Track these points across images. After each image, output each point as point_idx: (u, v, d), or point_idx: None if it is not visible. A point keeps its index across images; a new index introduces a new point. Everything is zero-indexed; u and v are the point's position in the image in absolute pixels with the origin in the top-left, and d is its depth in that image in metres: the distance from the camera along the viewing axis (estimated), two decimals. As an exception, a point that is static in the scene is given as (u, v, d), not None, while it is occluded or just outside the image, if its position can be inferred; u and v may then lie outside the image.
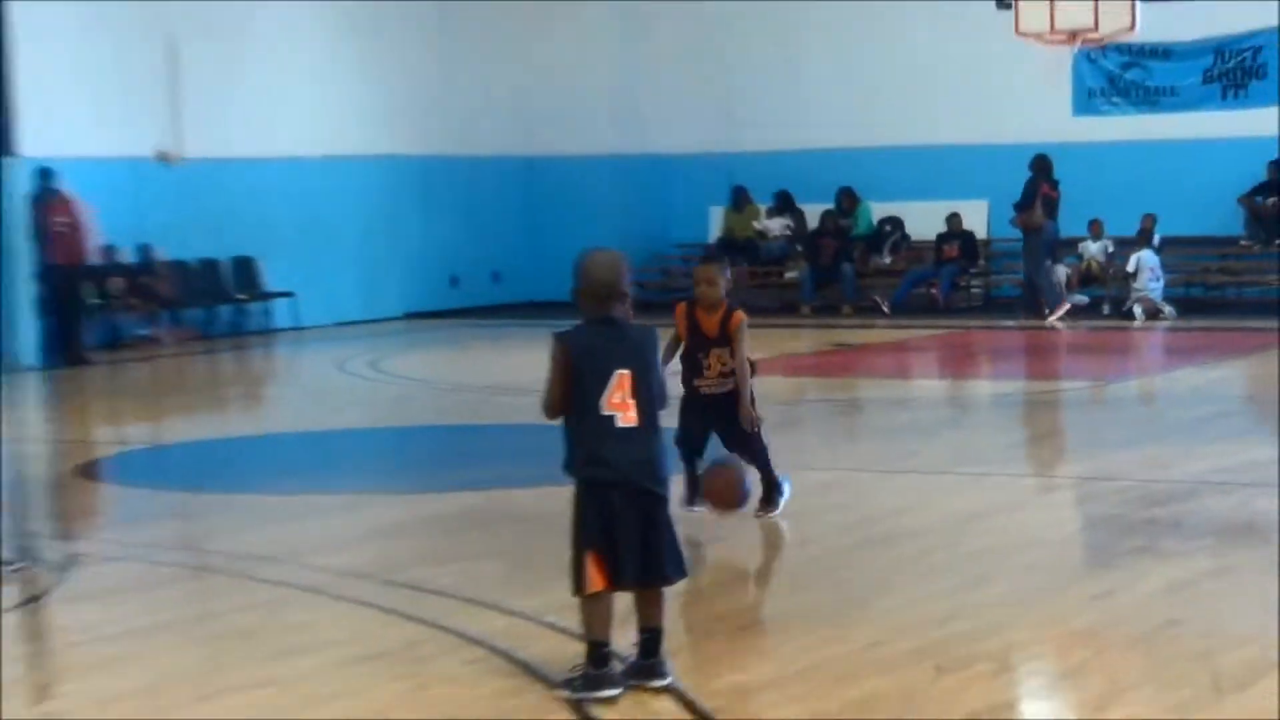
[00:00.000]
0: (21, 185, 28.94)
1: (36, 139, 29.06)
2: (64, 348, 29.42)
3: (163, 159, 31.55)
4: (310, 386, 25.93)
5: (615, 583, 9.35)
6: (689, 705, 9.28)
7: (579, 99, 38.63)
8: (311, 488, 15.61)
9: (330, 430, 20.18)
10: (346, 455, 19.35)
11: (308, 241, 33.55)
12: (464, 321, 33.64)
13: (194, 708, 9.64)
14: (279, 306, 32.82)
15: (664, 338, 10.04)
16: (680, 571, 9.59)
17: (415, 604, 11.33)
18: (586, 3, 38.86)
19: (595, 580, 9.19)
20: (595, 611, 9.35)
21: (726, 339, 13.18)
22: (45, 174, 28.94)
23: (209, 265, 32.51)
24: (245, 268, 32.77)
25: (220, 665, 10.60)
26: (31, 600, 13.11)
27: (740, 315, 13.41)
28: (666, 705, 9.29)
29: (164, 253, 31.30)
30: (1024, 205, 32.69)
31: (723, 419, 13.40)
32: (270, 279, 32.93)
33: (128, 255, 30.66)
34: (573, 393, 9.26)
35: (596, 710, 9.18)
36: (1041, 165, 33.10)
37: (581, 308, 9.46)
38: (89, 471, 19.27)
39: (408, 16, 36.82)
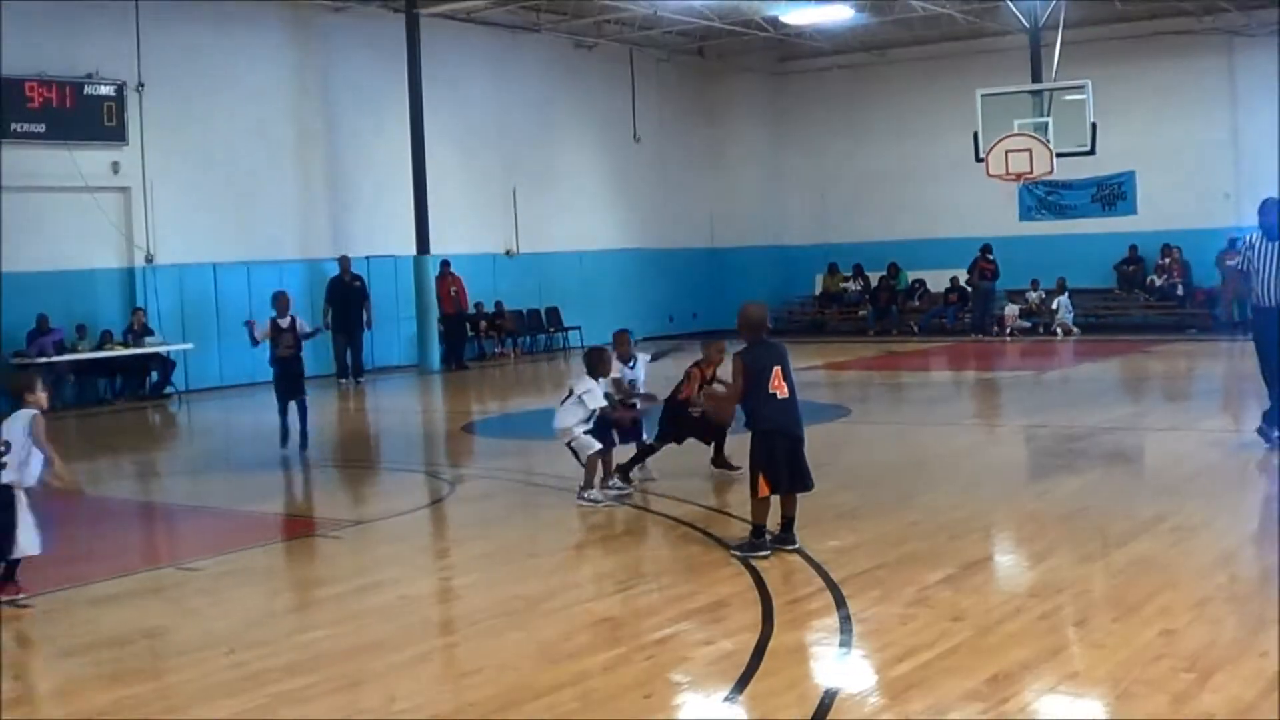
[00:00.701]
0: (430, 269, 32.13)
1: (438, 243, 32.31)
2: (454, 360, 32.47)
3: (508, 254, 35.86)
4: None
5: (776, 490, 10.58)
6: (809, 560, 10.36)
7: (741, 211, 42.62)
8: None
9: None
10: None
11: (588, 296, 37.25)
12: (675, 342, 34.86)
13: (526, 561, 11.12)
14: (572, 335, 36.41)
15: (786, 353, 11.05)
16: (811, 484, 10.84)
17: (649, 502, 12.84)
18: (746, 148, 42.78)
19: (764, 489, 10.52)
20: (762, 507, 10.59)
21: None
22: (445, 263, 32.46)
23: (533, 312, 36.21)
24: (553, 313, 36.50)
25: (538, 538, 12.11)
26: (438, 500, 14.58)
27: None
28: (796, 560, 10.38)
29: (507, 304, 35.03)
30: (970, 272, 36.94)
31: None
32: (566, 319, 36.53)
33: (487, 306, 34.35)
34: (750, 383, 10.63)
35: (756, 563, 10.32)
36: (983, 249, 36.98)
37: (743, 335, 10.85)
38: (468, 428, 21.10)
39: (644, 160, 40.46)
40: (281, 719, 7.50)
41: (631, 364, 14.60)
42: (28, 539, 10.31)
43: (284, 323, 18.78)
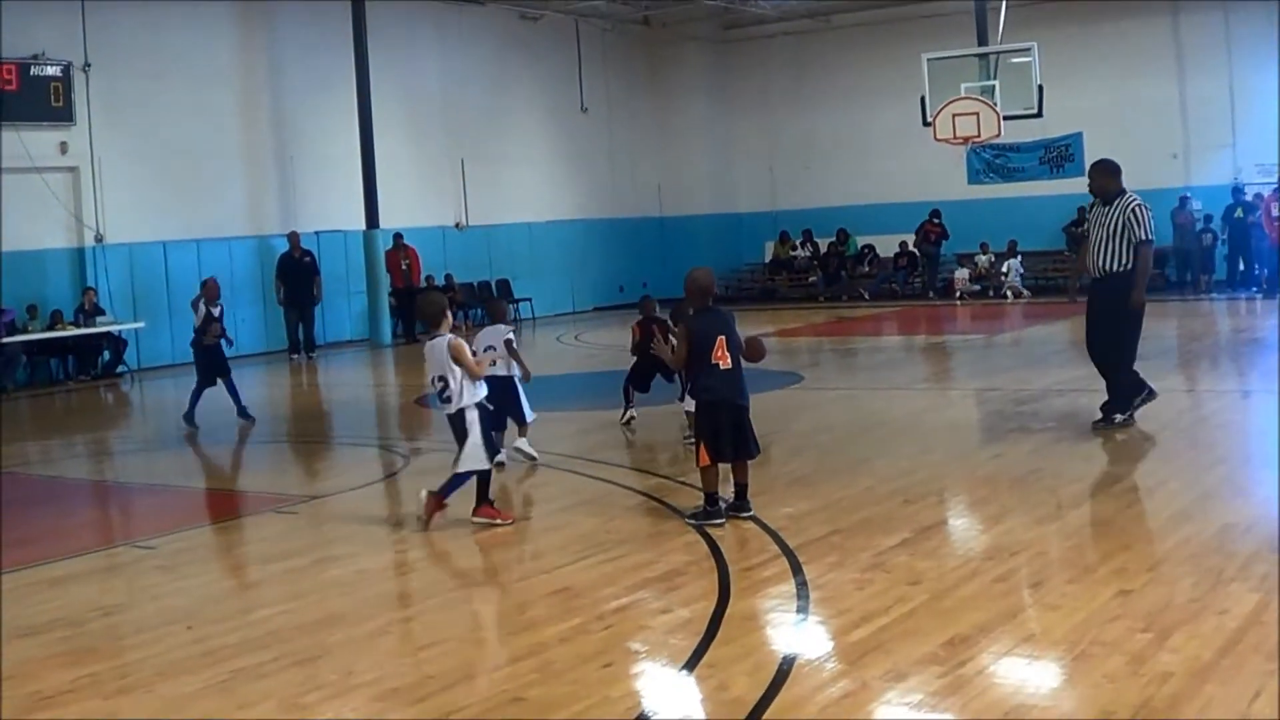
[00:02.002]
0: (380, 243, 32.42)
1: (387, 217, 32.56)
2: (406, 333, 32.69)
3: (457, 226, 35.92)
4: (544, 350, 27.87)
5: (720, 459, 10.58)
6: (764, 527, 10.40)
7: (690, 179, 42.62)
8: (544, 407, 16.25)
9: (554, 374, 21.51)
10: (569, 388, 20.80)
11: (538, 269, 37.67)
12: (626, 312, 32.83)
13: (481, 533, 11.06)
14: (524, 307, 36.52)
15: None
16: (757, 451, 10.82)
17: (606, 472, 12.82)
18: (694, 117, 42.73)
19: (704, 458, 10.56)
20: (709, 475, 10.63)
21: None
22: (397, 236, 32.73)
23: (484, 284, 36.30)
24: (503, 285, 36.52)
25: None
26: (392, 474, 14.69)
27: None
28: (751, 527, 10.43)
29: (457, 277, 35.06)
30: (917, 235, 37.70)
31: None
32: (517, 290, 36.62)
33: (438, 279, 34.12)
34: (694, 350, 10.66)
35: (711, 530, 10.40)
36: (931, 213, 37.64)
37: (690, 301, 10.88)
38: (421, 401, 20.60)
39: (591, 131, 40.64)
40: (241, 694, 7.46)
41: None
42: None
43: (215, 310, 19.07)
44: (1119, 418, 14.42)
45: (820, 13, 39.97)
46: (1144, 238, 14.10)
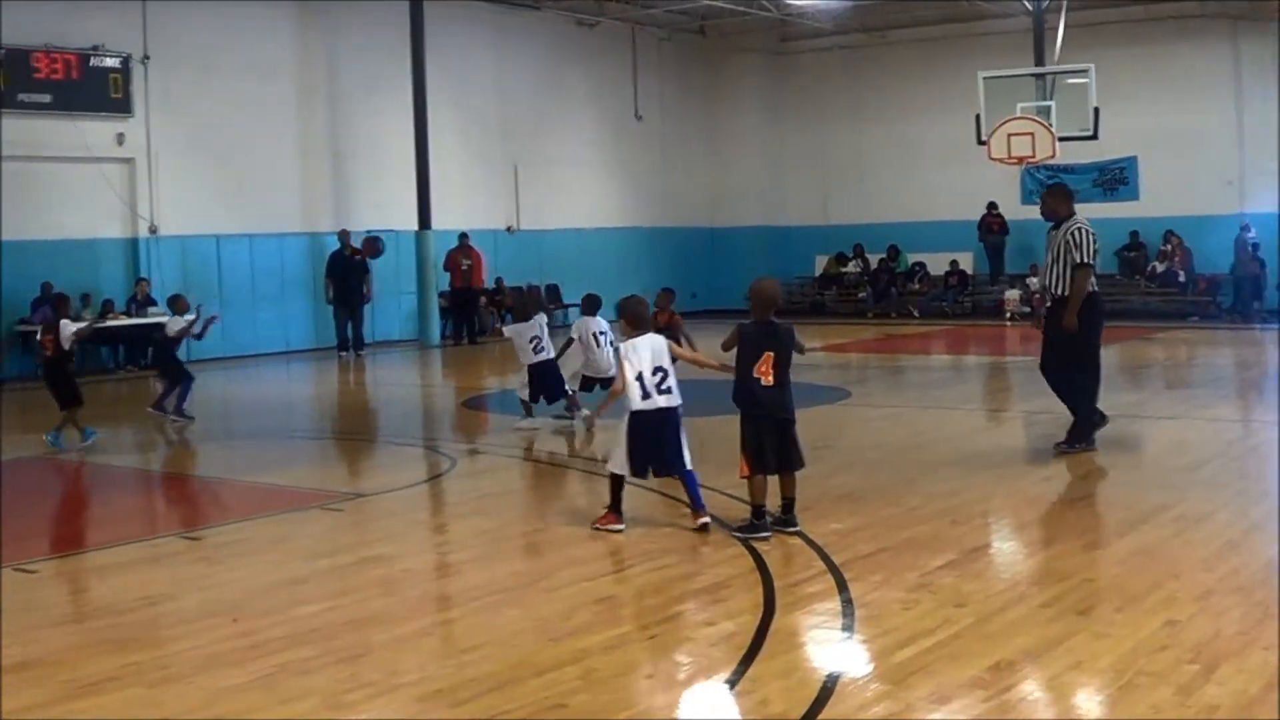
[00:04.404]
0: (432, 244, 32.29)
1: (439, 219, 32.54)
2: (464, 334, 32.78)
3: (509, 230, 35.99)
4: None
5: (760, 471, 10.57)
6: (810, 542, 10.35)
7: (741, 190, 42.52)
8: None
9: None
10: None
11: (587, 275, 35.30)
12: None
13: (527, 538, 11.25)
14: (572, 313, 34.09)
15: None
16: (800, 462, 10.78)
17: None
18: (747, 128, 42.58)
19: (744, 469, 10.65)
20: (755, 487, 10.62)
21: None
22: (462, 235, 32.79)
23: (533, 287, 33.46)
24: (553, 290, 36.18)
25: (539, 515, 12.18)
26: (438, 476, 14.67)
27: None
28: (797, 542, 10.38)
29: (507, 281, 34.93)
30: (980, 228, 37.15)
31: None
32: (566, 296, 36.04)
33: (488, 283, 34.00)
34: (739, 362, 10.67)
35: (756, 544, 10.33)
36: (989, 205, 37.30)
37: (753, 311, 10.77)
38: (470, 404, 21.19)
39: (645, 139, 40.57)
40: (284, 690, 7.47)
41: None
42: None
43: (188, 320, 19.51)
44: (1080, 446, 14.48)
45: (876, 27, 39.86)
46: (1080, 260, 14.02)
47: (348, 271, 30.58)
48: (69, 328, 17.12)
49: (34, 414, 19.85)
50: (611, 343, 16.55)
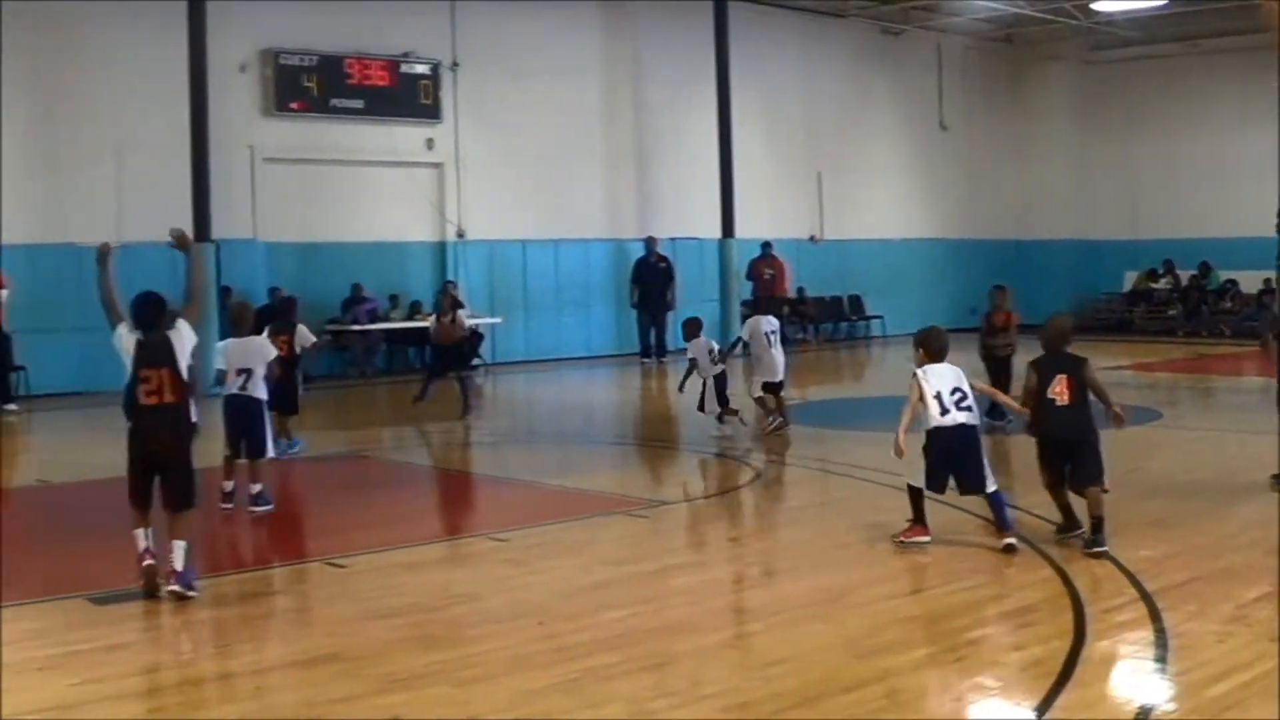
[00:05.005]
0: (735, 253, 32.41)
1: (743, 227, 32.49)
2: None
3: (812, 239, 35.86)
4: (893, 370, 27.19)
5: (1061, 486, 10.87)
6: (1120, 567, 10.12)
7: (1047, 202, 41.39)
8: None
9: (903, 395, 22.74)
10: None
11: (890, 286, 36.96)
12: (975, 336, 37.04)
13: (831, 552, 11.04)
14: (874, 324, 36.47)
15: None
16: (1101, 476, 10.77)
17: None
18: (1054, 139, 41.48)
19: (1047, 482, 10.93)
20: (1057, 499, 10.98)
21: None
22: (766, 244, 32.46)
23: (835, 299, 36.22)
24: (855, 301, 36.42)
25: (844, 528, 11.85)
26: (740, 486, 14.68)
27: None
28: (1107, 568, 10.13)
29: (809, 291, 35.17)
30: None
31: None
32: (870, 308, 36.48)
33: (790, 292, 33.93)
34: (1036, 388, 10.85)
35: (1066, 567, 10.16)
36: None
37: (1046, 344, 11.20)
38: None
39: (950, 149, 39.81)
40: (589, 694, 7.55)
41: None
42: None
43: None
44: None
45: (1188, 37, 38.66)
46: None
47: (652, 277, 30.74)
48: (307, 334, 17.12)
49: (347, 412, 20.30)
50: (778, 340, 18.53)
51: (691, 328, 18.81)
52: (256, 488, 13.24)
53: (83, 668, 8.11)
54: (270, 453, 13.69)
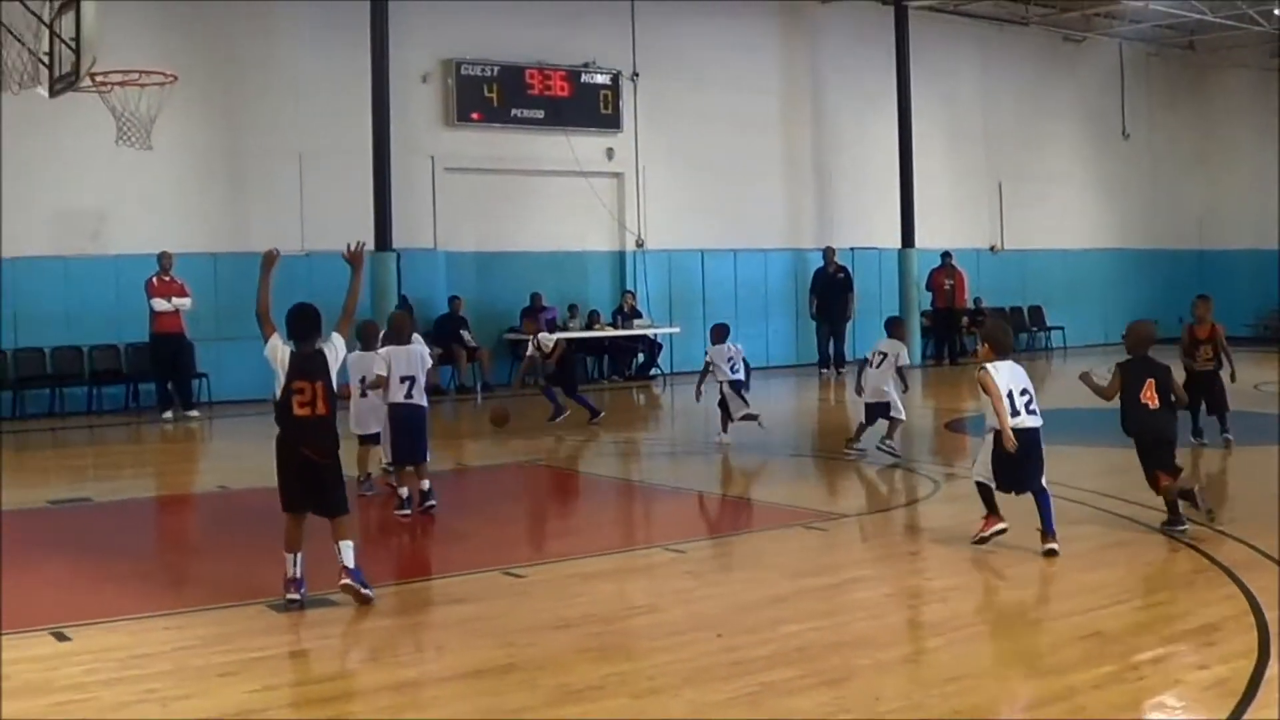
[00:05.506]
0: (915, 263, 32.51)
1: (922, 237, 32.57)
2: (945, 355, 33.11)
3: (992, 250, 35.88)
4: (1072, 382, 21.82)
5: (1158, 478, 11.62)
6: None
7: (1231, 212, 40.84)
8: (1071, 441, 16.29)
9: (1081, 409, 17.98)
10: (1097, 423, 17.44)
11: (1071, 297, 36.81)
12: (1160, 346, 37.10)
13: (1009, 567, 10.84)
14: (1055, 335, 36.29)
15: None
16: (1175, 469, 11.67)
17: (1138, 513, 12.30)
18: (1238, 147, 40.75)
19: (1159, 481, 11.61)
20: (1165, 493, 11.63)
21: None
22: (945, 254, 32.80)
23: (1015, 310, 35.78)
24: (1036, 312, 36.20)
25: (1022, 544, 11.21)
26: (920, 498, 14.54)
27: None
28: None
29: (988, 302, 34.62)
30: None
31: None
32: (1050, 319, 36.27)
33: (969, 303, 33.79)
34: (1124, 389, 11.74)
35: (1248, 583, 9.87)
36: None
37: (1130, 349, 12.06)
38: (952, 426, 20.78)
39: (1132, 157, 39.89)
40: (769, 708, 7.51)
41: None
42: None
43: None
44: None
45: (1380, 41, 37.66)
46: None
47: (830, 288, 30.74)
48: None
49: (524, 420, 20.44)
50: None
51: (718, 333, 19.19)
52: (426, 484, 13.56)
53: (263, 674, 8.26)
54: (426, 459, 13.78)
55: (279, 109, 25.78)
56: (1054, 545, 10.98)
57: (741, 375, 18.72)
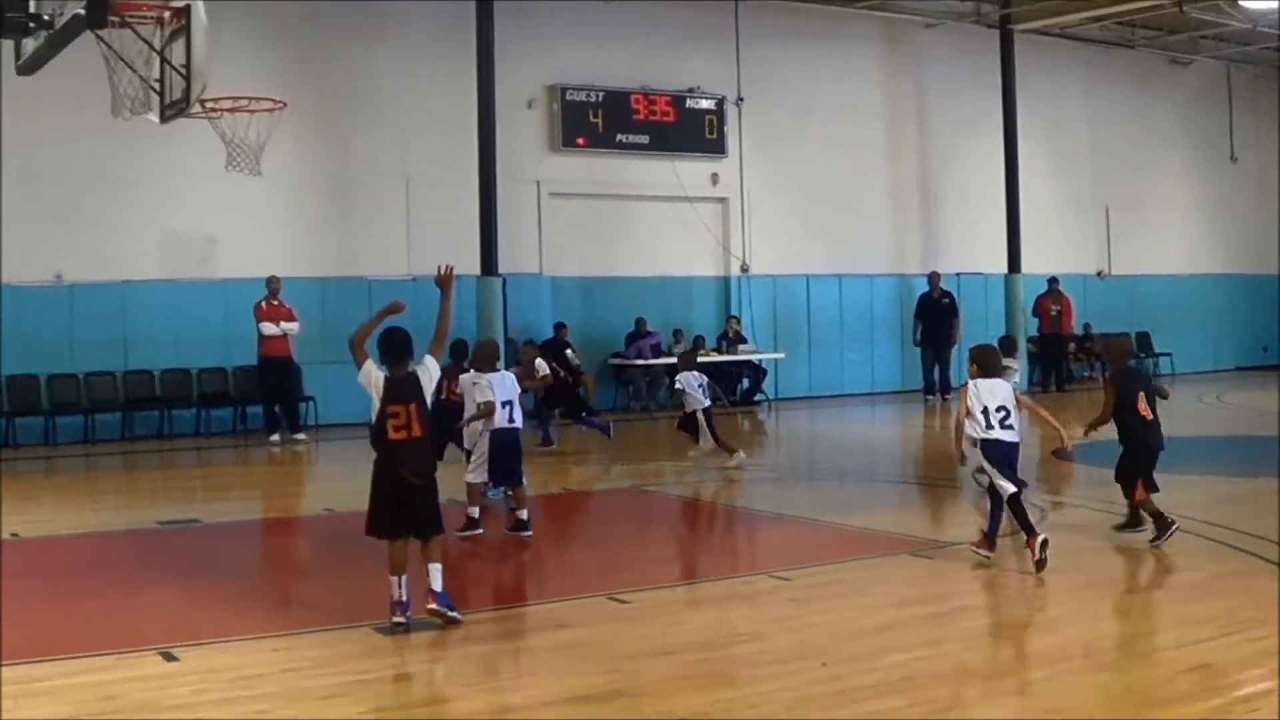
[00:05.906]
0: (1021, 288, 32.24)
1: (1029, 262, 32.50)
2: (1051, 381, 32.48)
3: (1099, 275, 35.63)
4: (1185, 409, 25.49)
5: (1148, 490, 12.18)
6: None
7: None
8: (1183, 470, 15.98)
9: (1195, 436, 20.39)
10: (1211, 451, 19.87)
11: (1180, 323, 36.47)
12: (1269, 374, 34.74)
13: (1119, 598, 11.12)
14: (1163, 361, 35.58)
15: None
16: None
17: (1249, 543, 12.25)
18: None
19: (1140, 492, 12.24)
20: (1146, 507, 12.24)
21: None
22: (1052, 280, 32.53)
23: (1123, 334, 33.80)
24: (1143, 338, 35.52)
25: (1132, 573, 11.86)
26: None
27: None
28: None
29: (1096, 327, 34.50)
30: None
31: None
32: (1157, 344, 35.72)
33: (1076, 329, 33.77)
34: (1120, 406, 12.43)
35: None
36: None
37: (1115, 364, 12.76)
38: (1059, 453, 17.55)
39: (1240, 182, 39.11)
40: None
41: None
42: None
43: None
44: None
45: None
46: None
47: (936, 313, 30.61)
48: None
49: (629, 445, 20.46)
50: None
51: (685, 360, 19.70)
52: (524, 513, 13.74)
53: (370, 696, 8.34)
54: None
55: (386, 135, 26.06)
56: (990, 555, 11.86)
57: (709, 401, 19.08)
